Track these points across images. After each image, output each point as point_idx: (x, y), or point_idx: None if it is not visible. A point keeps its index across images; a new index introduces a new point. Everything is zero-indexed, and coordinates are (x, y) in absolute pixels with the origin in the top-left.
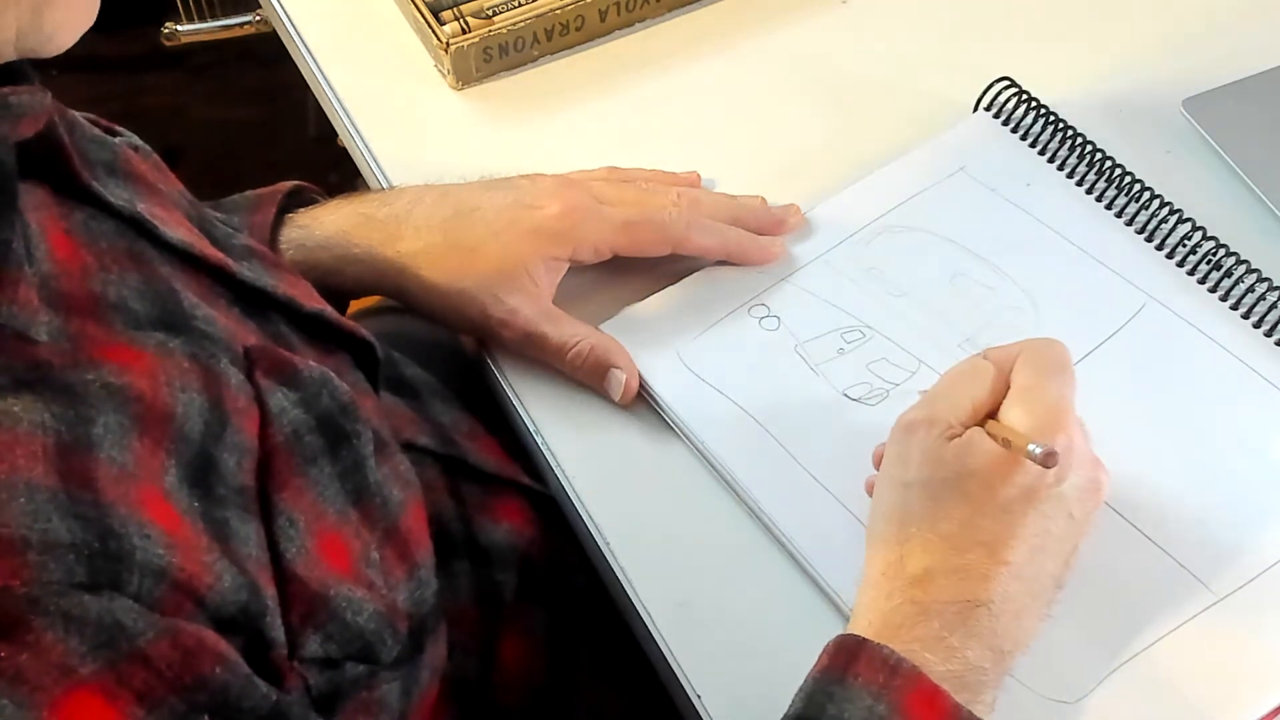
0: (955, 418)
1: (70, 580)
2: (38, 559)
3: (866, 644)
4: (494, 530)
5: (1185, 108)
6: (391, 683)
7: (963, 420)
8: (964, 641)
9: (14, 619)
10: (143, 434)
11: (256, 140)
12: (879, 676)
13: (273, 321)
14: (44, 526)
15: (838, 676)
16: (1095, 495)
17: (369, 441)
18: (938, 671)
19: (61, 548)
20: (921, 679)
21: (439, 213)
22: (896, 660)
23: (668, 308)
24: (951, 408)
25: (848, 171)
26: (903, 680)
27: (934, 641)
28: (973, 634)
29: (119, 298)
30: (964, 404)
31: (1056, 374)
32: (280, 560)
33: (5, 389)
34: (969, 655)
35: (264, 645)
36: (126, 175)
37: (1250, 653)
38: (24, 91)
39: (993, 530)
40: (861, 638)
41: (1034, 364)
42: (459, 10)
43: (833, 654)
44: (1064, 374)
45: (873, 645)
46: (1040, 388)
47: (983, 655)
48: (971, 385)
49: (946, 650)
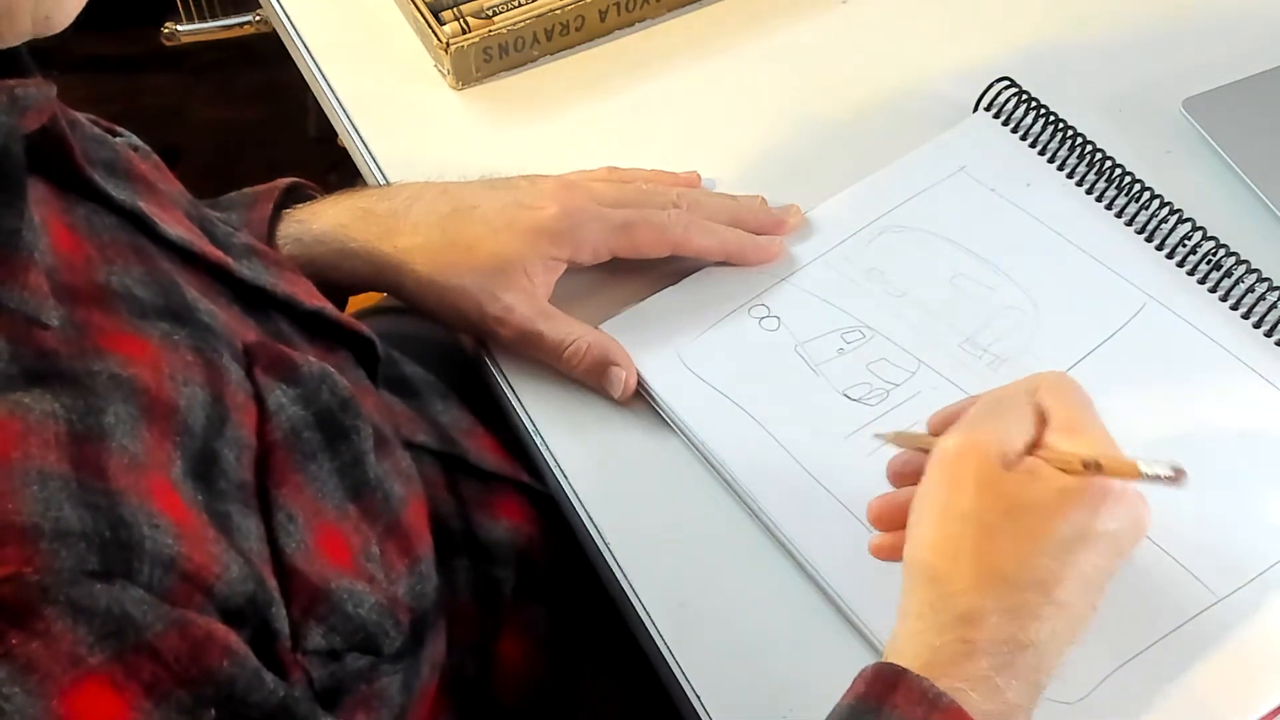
0: (1010, 447)
1: (82, 568)
2: (49, 547)
3: (906, 675)
4: (494, 527)
5: (1185, 108)
6: (392, 675)
7: (1018, 450)
8: (1008, 681)
9: (26, 607)
10: (150, 424)
11: (256, 140)
12: (918, 709)
13: (273, 319)
14: (56, 515)
15: (874, 705)
16: (1140, 530)
17: (369, 437)
18: (980, 710)
19: (73, 536)
20: (960, 714)
21: (438, 209)
22: (936, 694)
23: (668, 308)
24: (1003, 437)
25: (848, 171)
26: (941, 714)
27: (980, 681)
28: (1018, 673)
29: (123, 287)
30: (1018, 435)
31: (1089, 405)
32: (280, 555)
33: (15, 381)
34: (1010, 695)
35: (269, 637)
36: (127, 174)
37: (1250, 653)
38: (30, 84)
39: (1050, 569)
40: (901, 668)
41: (1067, 396)
42: (459, 10)
43: (870, 681)
44: (1093, 405)
45: (912, 677)
46: (1086, 418)
47: (1022, 693)
48: (1017, 414)
49: (991, 689)
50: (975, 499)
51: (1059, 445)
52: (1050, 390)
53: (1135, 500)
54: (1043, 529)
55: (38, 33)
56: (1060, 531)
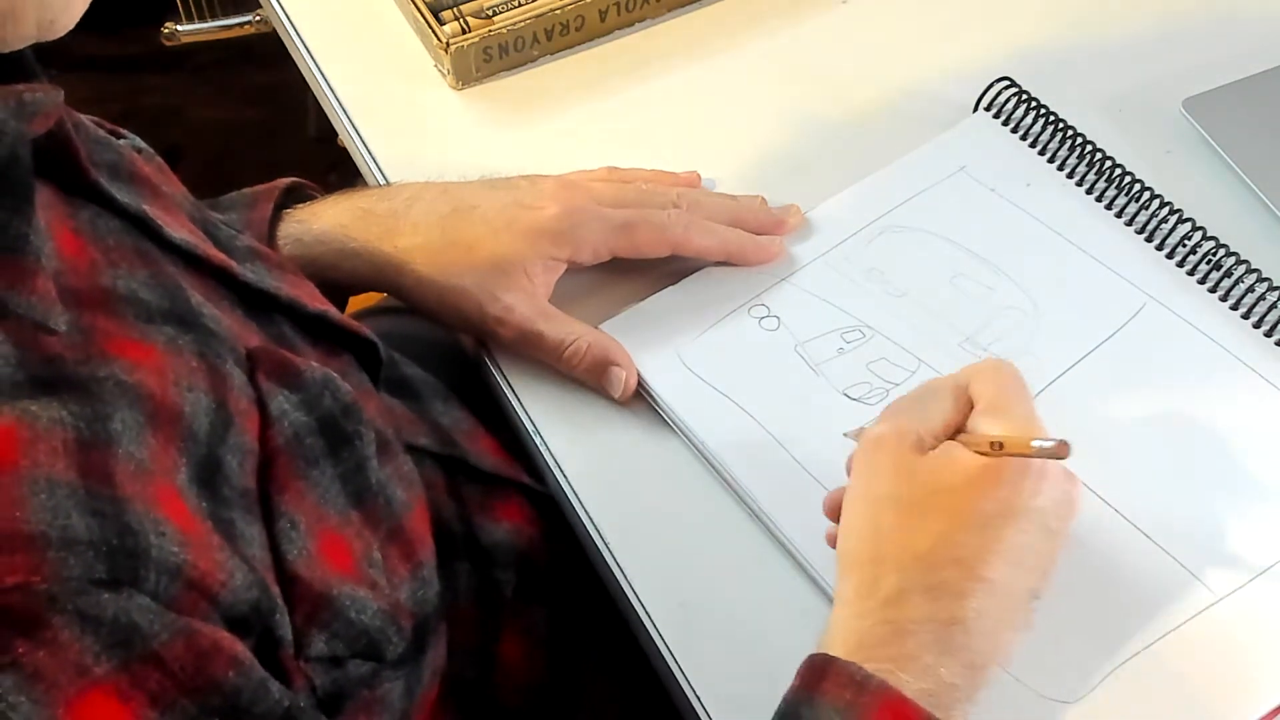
0: (926, 431)
1: (90, 576)
2: (57, 555)
3: (834, 661)
4: (494, 530)
5: (1185, 108)
6: (394, 681)
7: (935, 434)
8: (938, 659)
9: (33, 616)
10: (156, 431)
11: (256, 140)
12: (846, 693)
13: (276, 323)
14: (64, 523)
15: (806, 696)
16: (1070, 508)
17: (371, 442)
18: (912, 689)
19: (80, 544)
20: (889, 692)
21: (438, 209)
22: (864, 676)
23: (668, 308)
24: (920, 422)
25: (848, 171)
26: (870, 696)
27: (908, 661)
28: (947, 651)
29: (129, 290)
30: (935, 418)
31: (1019, 390)
32: (282, 562)
33: (22, 388)
34: (943, 673)
35: (273, 644)
36: (131, 177)
37: (1250, 653)
38: (38, 89)
39: (970, 545)
40: (830, 655)
41: (995, 381)
42: (459, 10)
43: (803, 674)
44: (1025, 390)
45: (840, 663)
46: (1010, 401)
47: (956, 672)
48: (940, 401)
49: (921, 669)
50: (892, 483)
51: (979, 428)
52: (980, 376)
53: (1060, 477)
54: (960, 507)
55: (41, 36)
56: (979, 508)
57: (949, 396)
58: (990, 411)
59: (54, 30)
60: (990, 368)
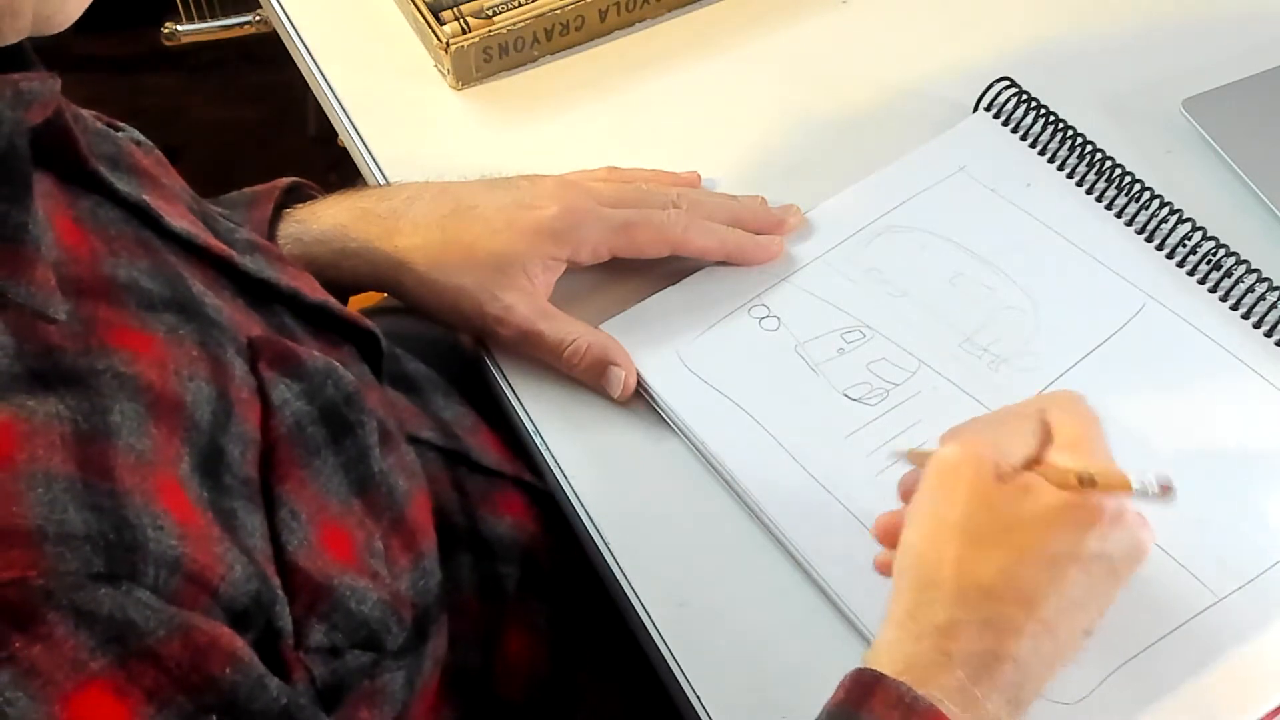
0: (1006, 459)
1: (88, 571)
2: (54, 550)
3: (883, 679)
4: (497, 523)
5: (1185, 108)
6: (395, 672)
7: (1015, 465)
8: (986, 693)
9: (30, 611)
10: (157, 421)
11: (256, 140)
12: (894, 714)
13: (277, 314)
14: (60, 517)
15: (851, 711)
16: (1140, 553)
17: (373, 432)
18: (956, 717)
19: (77, 539)
20: (938, 717)
21: (438, 209)
22: (913, 698)
23: (668, 308)
24: (1000, 449)
25: (848, 171)
26: (918, 718)
27: (956, 692)
28: (996, 687)
29: (130, 279)
30: (1019, 449)
31: (1098, 424)
32: (283, 552)
33: (20, 380)
34: (989, 707)
35: (273, 635)
36: (130, 169)
37: (1250, 653)
38: (35, 78)
39: (1034, 582)
40: (879, 673)
41: (1075, 413)
42: (459, 10)
43: (849, 688)
44: (1101, 425)
45: (890, 681)
46: (1093, 439)
47: (1000, 706)
48: (1023, 431)
49: (966, 700)
50: (965, 509)
51: (1058, 461)
52: (1058, 407)
53: (1134, 522)
54: (1030, 544)
55: (39, 31)
56: (1049, 547)
57: (1030, 425)
58: (1071, 446)
59: (51, 26)
60: (1069, 400)
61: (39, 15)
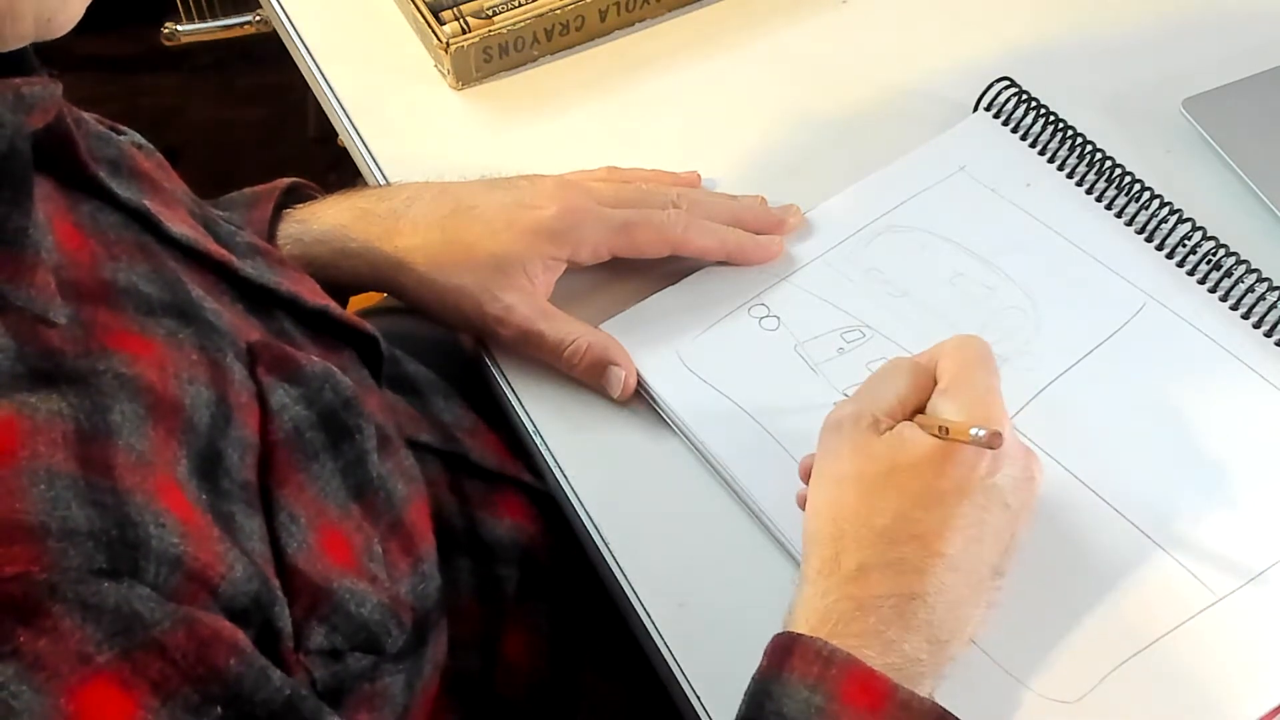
0: (882, 411)
1: (90, 567)
2: (57, 546)
3: (800, 638)
4: (496, 526)
5: (1185, 108)
6: (395, 675)
7: (890, 414)
8: (901, 634)
9: (34, 605)
10: (156, 423)
11: (256, 140)
12: (814, 668)
13: (276, 318)
14: (63, 513)
15: (774, 674)
16: (1030, 485)
17: (372, 436)
18: (876, 664)
19: (80, 535)
20: (856, 664)
21: (438, 209)
22: (830, 650)
23: (668, 308)
24: (877, 402)
25: (848, 171)
26: (838, 669)
27: (871, 636)
28: (909, 627)
29: (129, 283)
30: (889, 398)
31: (981, 366)
32: (282, 555)
33: (22, 380)
34: (906, 648)
35: (272, 637)
36: (131, 172)
37: (1250, 652)
38: (36, 83)
39: (927, 522)
40: (795, 633)
41: (958, 358)
42: (459, 10)
43: (769, 653)
44: (988, 366)
45: (806, 639)
46: (968, 380)
47: (919, 647)
48: (896, 381)
49: (884, 644)
50: (851, 462)
51: (937, 407)
52: (946, 353)
53: (1019, 454)
54: (917, 485)
55: (40, 35)
56: (935, 486)
57: (906, 375)
58: (947, 391)
59: (52, 29)
60: (955, 345)
61: (39, 19)
